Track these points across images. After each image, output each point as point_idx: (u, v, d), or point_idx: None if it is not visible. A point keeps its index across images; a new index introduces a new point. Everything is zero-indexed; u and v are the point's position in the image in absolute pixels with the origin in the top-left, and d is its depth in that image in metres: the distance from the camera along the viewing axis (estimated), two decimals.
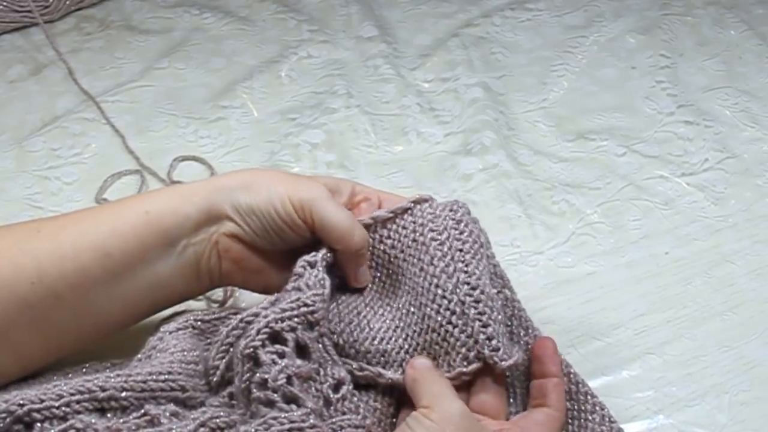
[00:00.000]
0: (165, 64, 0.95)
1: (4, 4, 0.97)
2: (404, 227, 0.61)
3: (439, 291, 0.57)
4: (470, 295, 0.57)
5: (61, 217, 0.60)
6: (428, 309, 0.58)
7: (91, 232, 0.57)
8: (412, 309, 0.59)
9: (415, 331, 0.58)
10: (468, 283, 0.57)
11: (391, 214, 0.62)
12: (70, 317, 0.57)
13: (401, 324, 0.59)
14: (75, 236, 0.57)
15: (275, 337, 0.53)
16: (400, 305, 0.60)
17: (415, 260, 0.60)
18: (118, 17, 1.01)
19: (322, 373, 0.53)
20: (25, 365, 0.58)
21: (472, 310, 0.56)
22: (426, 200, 0.62)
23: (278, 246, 0.60)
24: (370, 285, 0.62)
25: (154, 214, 0.58)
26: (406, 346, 0.58)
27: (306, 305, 0.54)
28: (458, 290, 0.57)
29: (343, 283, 0.62)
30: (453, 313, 0.57)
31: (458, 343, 0.56)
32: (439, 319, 0.57)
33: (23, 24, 0.99)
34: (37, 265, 0.55)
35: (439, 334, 0.57)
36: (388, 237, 0.61)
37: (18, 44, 0.98)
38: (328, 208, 0.58)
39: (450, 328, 0.57)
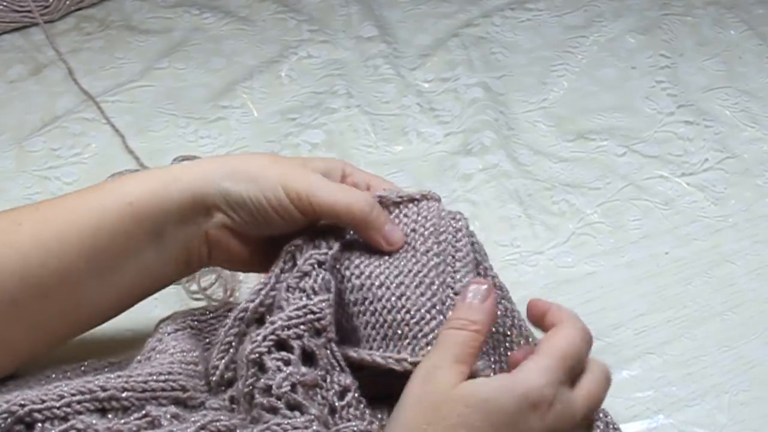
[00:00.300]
0: (165, 64, 0.95)
1: (4, 4, 0.97)
2: (406, 215, 0.60)
3: (426, 280, 0.57)
4: (451, 298, 0.56)
5: (41, 207, 0.58)
6: (408, 290, 0.57)
7: (74, 227, 0.56)
8: (388, 282, 0.58)
9: (384, 307, 0.57)
10: (452, 288, 0.57)
11: (399, 199, 0.61)
12: (58, 311, 0.57)
13: (372, 297, 0.58)
14: (58, 232, 0.56)
15: (282, 344, 0.52)
16: (380, 281, 0.59)
17: (409, 246, 0.59)
18: (118, 17, 1.01)
19: (328, 380, 0.53)
20: (15, 359, 0.57)
21: (449, 313, 0.56)
22: (436, 199, 0.62)
23: (266, 233, 0.59)
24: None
25: (138, 206, 0.56)
26: (373, 321, 0.57)
27: (313, 312, 0.53)
28: (441, 290, 0.57)
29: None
30: (433, 306, 0.56)
31: (420, 333, 0.55)
32: (417, 302, 0.56)
33: (23, 24, 0.99)
34: (22, 260, 0.55)
35: (409, 313, 0.56)
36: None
37: (18, 44, 0.98)
38: (325, 191, 0.57)
39: (424, 313, 0.55)
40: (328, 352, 0.53)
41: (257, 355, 0.52)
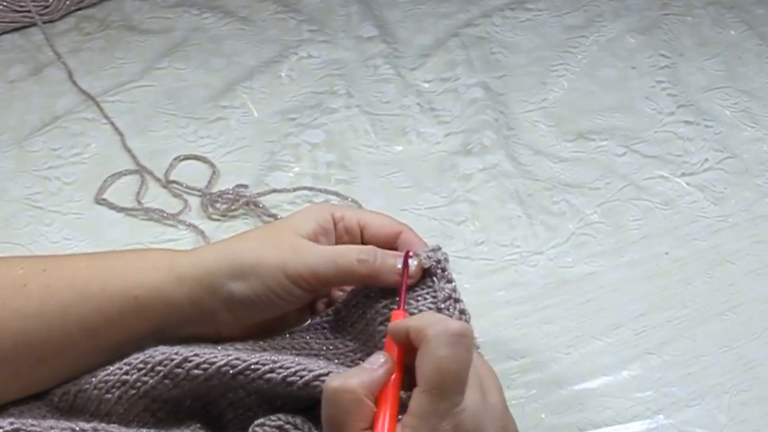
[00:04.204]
0: (165, 64, 0.95)
1: (4, 4, 0.97)
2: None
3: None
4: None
5: (48, 269, 0.57)
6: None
7: (78, 307, 0.55)
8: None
9: None
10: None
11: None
12: (52, 373, 0.56)
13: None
14: (62, 308, 0.55)
15: None
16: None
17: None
18: (118, 17, 1.01)
19: None
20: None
21: None
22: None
23: (268, 317, 0.58)
24: None
25: (142, 302, 0.55)
26: None
27: None
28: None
29: None
30: None
31: None
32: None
33: (23, 24, 0.99)
34: (21, 327, 0.54)
35: None
36: None
37: (18, 44, 0.98)
38: (325, 264, 0.55)
39: None
40: None
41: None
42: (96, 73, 0.94)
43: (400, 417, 0.48)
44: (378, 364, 0.49)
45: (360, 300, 0.58)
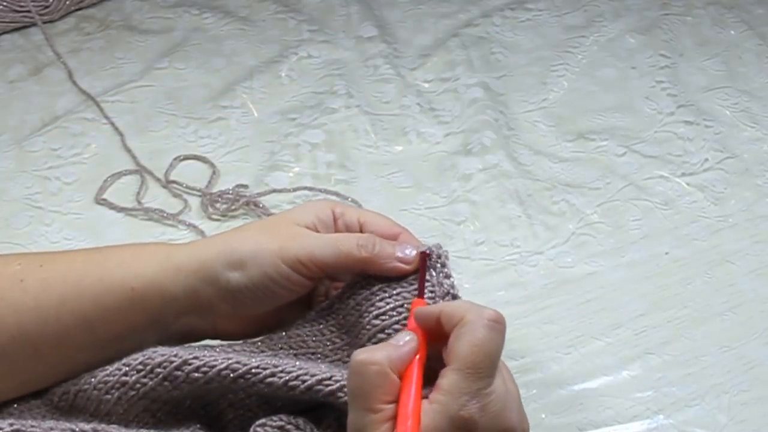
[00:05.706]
0: (165, 64, 0.95)
1: (4, 4, 0.97)
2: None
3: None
4: None
5: (45, 265, 0.57)
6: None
7: (74, 300, 0.55)
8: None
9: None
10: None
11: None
12: (51, 369, 0.56)
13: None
14: (58, 301, 0.55)
15: None
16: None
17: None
18: (118, 17, 1.01)
19: None
20: None
21: None
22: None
23: (270, 308, 0.58)
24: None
25: (139, 291, 0.55)
26: None
27: None
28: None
29: None
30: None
31: None
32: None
33: (23, 24, 0.99)
34: (18, 321, 0.54)
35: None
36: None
37: (18, 44, 0.98)
38: (323, 248, 0.56)
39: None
40: None
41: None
42: (96, 73, 0.94)
43: (424, 395, 0.48)
44: (404, 341, 0.50)
45: (356, 291, 0.58)
